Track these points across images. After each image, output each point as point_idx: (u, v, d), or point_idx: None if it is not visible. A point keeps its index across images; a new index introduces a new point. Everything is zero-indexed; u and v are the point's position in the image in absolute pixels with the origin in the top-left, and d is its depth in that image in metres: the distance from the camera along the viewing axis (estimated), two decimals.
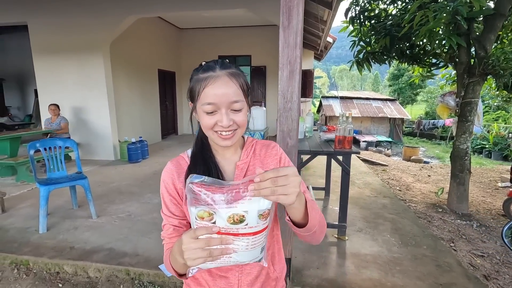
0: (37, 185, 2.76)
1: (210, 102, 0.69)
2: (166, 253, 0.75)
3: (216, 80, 0.69)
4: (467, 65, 3.54)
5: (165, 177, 0.79)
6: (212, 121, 0.71)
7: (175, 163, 0.81)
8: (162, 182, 0.80)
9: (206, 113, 0.71)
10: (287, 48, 1.67)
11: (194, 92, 0.73)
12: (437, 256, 2.39)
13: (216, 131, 0.72)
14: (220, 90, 0.69)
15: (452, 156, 3.70)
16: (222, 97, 0.69)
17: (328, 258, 2.33)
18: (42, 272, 2.25)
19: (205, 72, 0.71)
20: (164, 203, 0.78)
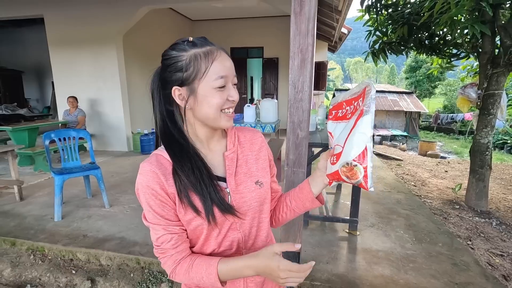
0: (52, 174, 2.83)
1: (222, 75, 0.65)
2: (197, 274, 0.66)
3: (221, 53, 0.67)
4: (491, 55, 3.35)
5: (150, 183, 0.66)
6: (223, 98, 0.66)
7: (156, 164, 0.68)
8: (145, 189, 0.66)
9: (217, 88, 0.65)
10: (299, 35, 1.60)
11: (198, 69, 0.64)
12: (453, 254, 2.30)
13: (223, 110, 0.68)
14: (228, 62, 0.67)
15: (472, 150, 3.54)
16: (230, 70, 0.67)
17: (338, 253, 2.29)
18: (57, 258, 2.32)
19: (203, 47, 0.66)
20: (155, 213, 0.66)
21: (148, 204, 0.67)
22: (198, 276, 0.66)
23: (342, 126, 0.71)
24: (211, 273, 0.65)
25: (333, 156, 0.70)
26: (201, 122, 0.71)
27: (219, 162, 0.75)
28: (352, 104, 0.70)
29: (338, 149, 0.69)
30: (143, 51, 6.59)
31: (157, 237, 0.68)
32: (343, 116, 0.73)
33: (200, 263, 0.67)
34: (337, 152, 0.68)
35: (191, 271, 0.67)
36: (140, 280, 2.08)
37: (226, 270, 0.65)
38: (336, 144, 0.70)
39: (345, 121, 0.71)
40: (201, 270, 0.66)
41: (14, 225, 2.70)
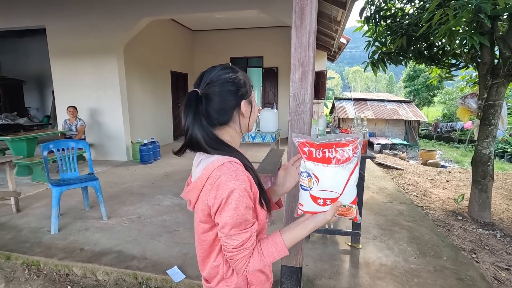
0: (50, 185, 2.79)
1: None
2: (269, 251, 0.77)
3: None
4: (491, 65, 3.36)
5: (245, 185, 0.72)
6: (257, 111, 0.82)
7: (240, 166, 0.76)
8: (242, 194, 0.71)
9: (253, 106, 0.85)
10: (300, 48, 1.60)
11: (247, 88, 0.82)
12: (458, 268, 2.25)
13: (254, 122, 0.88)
14: None
15: (473, 161, 3.51)
16: None
17: (341, 267, 2.24)
18: (52, 273, 2.26)
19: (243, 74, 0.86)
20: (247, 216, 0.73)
21: (244, 209, 0.72)
22: (271, 256, 0.77)
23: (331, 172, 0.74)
24: (281, 249, 0.78)
25: (326, 200, 0.76)
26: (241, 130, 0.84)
27: None
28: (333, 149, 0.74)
29: (333, 195, 0.76)
30: (144, 61, 6.63)
31: (242, 239, 0.73)
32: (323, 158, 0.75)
33: (267, 247, 0.77)
34: (333, 197, 0.76)
35: (263, 256, 0.76)
36: None
37: (290, 239, 0.79)
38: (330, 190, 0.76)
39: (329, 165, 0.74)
40: (272, 250, 0.77)
41: (9, 238, 2.65)
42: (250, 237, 0.74)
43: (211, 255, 0.83)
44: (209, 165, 0.74)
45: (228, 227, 0.72)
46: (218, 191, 0.71)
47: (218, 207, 0.72)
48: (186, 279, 2.05)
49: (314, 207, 0.78)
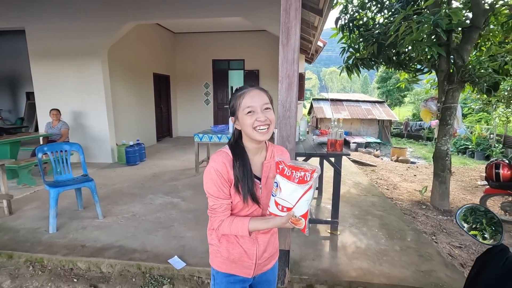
0: (46, 187, 2.90)
1: (248, 106, 1.00)
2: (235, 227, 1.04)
3: (250, 91, 1.02)
4: (447, 72, 3.85)
5: (219, 167, 1.02)
6: (252, 120, 1.00)
7: (225, 157, 1.04)
8: (215, 172, 1.01)
9: (247, 114, 1.00)
10: (286, 63, 1.89)
11: (235, 106, 1.04)
12: (420, 247, 2.65)
13: (255, 128, 1.00)
14: (255, 97, 1.01)
15: (434, 157, 4.00)
16: (257, 102, 1.00)
17: (322, 251, 2.56)
18: (57, 268, 2.40)
19: (241, 90, 1.04)
20: (219, 188, 1.02)
21: (215, 182, 1.02)
22: (236, 229, 1.04)
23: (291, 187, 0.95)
24: (244, 228, 1.03)
25: (284, 207, 0.97)
26: (247, 137, 1.06)
27: (259, 166, 1.11)
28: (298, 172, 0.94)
29: (288, 205, 0.97)
30: (127, 63, 6.67)
31: (213, 203, 1.05)
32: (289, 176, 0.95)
33: (237, 221, 1.05)
34: (288, 206, 0.97)
35: (231, 226, 1.05)
36: (142, 284, 2.22)
37: (253, 226, 1.04)
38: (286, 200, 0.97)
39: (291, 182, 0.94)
40: (238, 225, 1.04)
41: (8, 238, 2.73)
42: (221, 205, 1.04)
43: None
44: None
45: (206, 192, 1.05)
46: (207, 166, 1.07)
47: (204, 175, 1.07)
48: (186, 266, 2.28)
49: (275, 211, 0.99)
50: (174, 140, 8.78)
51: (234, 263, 1.13)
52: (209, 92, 9.43)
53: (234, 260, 1.13)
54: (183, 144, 8.08)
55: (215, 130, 5.03)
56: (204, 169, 5.28)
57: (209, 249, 1.20)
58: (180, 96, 9.55)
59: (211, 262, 1.18)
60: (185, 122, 9.62)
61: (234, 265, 1.14)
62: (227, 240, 1.13)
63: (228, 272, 1.14)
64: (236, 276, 1.15)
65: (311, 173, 0.91)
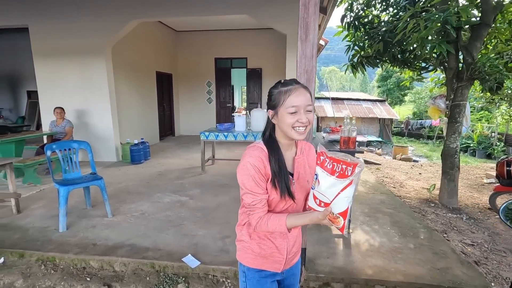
0: (56, 185, 2.87)
1: (294, 105, 0.97)
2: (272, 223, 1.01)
3: (297, 90, 0.99)
4: (456, 70, 3.83)
5: (256, 162, 1.00)
6: (294, 120, 0.98)
7: (261, 152, 1.02)
8: (252, 167, 0.99)
9: (290, 113, 0.98)
10: (304, 58, 1.87)
11: (278, 101, 1.00)
12: (433, 245, 2.63)
13: (294, 128, 0.98)
14: (300, 96, 0.98)
15: (443, 154, 3.98)
16: (302, 102, 0.98)
17: (336, 248, 2.54)
18: (69, 267, 2.37)
19: (286, 86, 1.00)
20: (256, 183, 1.00)
21: (253, 178, 1.00)
22: (273, 226, 1.01)
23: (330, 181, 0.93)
24: (282, 224, 1.01)
25: (321, 202, 0.96)
26: (282, 133, 1.04)
27: (290, 162, 1.10)
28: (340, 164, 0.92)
29: (326, 200, 0.94)
30: (130, 62, 6.63)
31: (252, 200, 1.02)
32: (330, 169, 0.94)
33: (274, 218, 1.02)
34: (325, 202, 0.95)
35: (269, 223, 1.02)
36: (156, 282, 2.20)
37: (290, 222, 1.01)
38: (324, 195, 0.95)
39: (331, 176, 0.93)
40: (275, 222, 1.02)
41: (17, 237, 2.71)
42: (260, 200, 1.01)
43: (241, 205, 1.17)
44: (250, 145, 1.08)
45: (243, 188, 1.03)
46: (241, 161, 1.04)
47: (237, 171, 1.04)
48: (201, 264, 2.26)
49: (313, 205, 0.99)
50: (177, 139, 8.75)
51: (265, 258, 1.12)
52: (212, 91, 9.40)
53: (266, 256, 1.12)
54: (186, 142, 8.05)
55: (221, 128, 5.01)
56: (210, 167, 5.30)
57: (238, 246, 1.18)
58: (183, 95, 9.51)
59: (241, 258, 1.17)
60: (187, 121, 9.59)
61: (265, 261, 1.13)
62: (259, 236, 1.12)
63: (259, 267, 1.14)
64: (267, 271, 1.14)
65: (353, 167, 0.87)
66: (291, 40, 5.36)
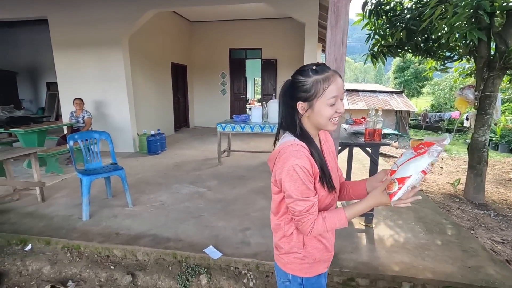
0: (79, 175, 2.91)
1: (335, 95, 0.88)
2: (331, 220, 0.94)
3: (335, 77, 0.88)
4: (487, 59, 3.62)
5: (305, 163, 0.90)
6: (333, 111, 0.90)
7: (303, 150, 0.92)
8: (300, 170, 0.89)
9: (330, 105, 0.88)
10: (334, 46, 1.78)
11: (316, 91, 0.89)
12: (462, 242, 2.53)
13: (331, 119, 0.91)
14: (340, 84, 0.89)
15: (470, 148, 3.81)
16: (341, 89, 0.89)
17: (359, 243, 2.48)
18: (94, 255, 2.42)
19: (323, 73, 0.88)
20: (307, 187, 0.91)
21: (303, 181, 0.90)
22: (332, 223, 0.94)
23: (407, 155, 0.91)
24: (342, 218, 0.94)
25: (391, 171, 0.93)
26: (313, 125, 0.98)
27: None
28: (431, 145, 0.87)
29: (394, 168, 0.92)
30: (146, 53, 6.64)
31: (305, 206, 0.91)
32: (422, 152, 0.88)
33: (330, 215, 0.95)
34: (393, 169, 0.92)
35: (326, 222, 0.94)
36: (179, 273, 2.21)
37: (350, 212, 0.94)
38: (395, 164, 0.92)
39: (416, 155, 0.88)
40: (334, 219, 0.94)
41: (43, 225, 2.77)
42: (313, 204, 0.92)
43: (277, 213, 1.05)
44: (283, 143, 0.96)
45: (292, 196, 0.91)
46: (283, 164, 0.91)
47: (281, 177, 0.92)
48: (223, 256, 2.25)
49: None
50: (192, 131, 8.78)
51: (319, 262, 1.07)
52: (226, 82, 9.34)
53: (319, 259, 1.06)
54: (201, 134, 8.07)
55: (238, 119, 4.96)
56: (226, 159, 5.29)
57: (288, 259, 1.06)
58: (197, 86, 9.49)
59: (296, 272, 1.06)
60: (201, 112, 9.59)
61: (319, 264, 1.07)
62: (312, 242, 1.04)
63: (316, 274, 1.07)
64: (322, 275, 1.10)
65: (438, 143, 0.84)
66: (309, 29, 5.21)
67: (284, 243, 1.05)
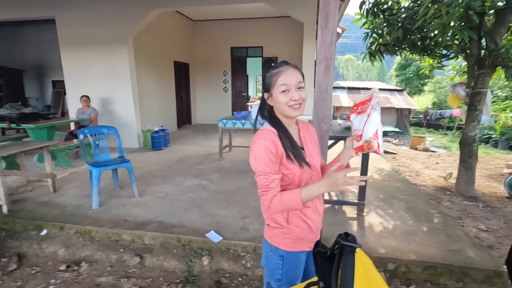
0: (89, 167, 3.11)
1: (284, 83, 1.06)
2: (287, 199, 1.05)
3: (286, 70, 1.07)
4: (478, 57, 3.76)
5: (269, 144, 1.06)
6: (287, 98, 1.06)
7: (270, 133, 1.09)
8: (264, 150, 1.05)
9: (282, 92, 1.07)
10: (324, 46, 1.95)
11: (270, 83, 1.09)
12: (447, 229, 2.70)
13: (289, 106, 1.07)
14: (290, 75, 1.06)
15: (461, 143, 3.96)
16: (292, 80, 1.06)
17: (350, 230, 2.66)
18: (104, 240, 2.62)
19: (276, 68, 1.08)
20: (268, 165, 1.06)
21: (264, 159, 1.06)
22: (287, 201, 1.04)
23: (359, 118, 1.11)
24: (296, 197, 1.04)
25: (358, 137, 1.10)
26: (280, 113, 1.14)
27: (296, 137, 1.18)
28: (365, 104, 1.09)
29: (359, 133, 1.10)
30: (149, 51, 6.82)
31: (266, 180, 1.07)
32: (360, 111, 1.12)
33: (287, 193, 1.06)
34: (359, 134, 1.10)
35: (282, 199, 1.05)
36: (183, 255, 2.40)
37: (305, 193, 1.05)
38: (356, 129, 1.12)
39: (358, 115, 1.12)
40: (289, 197, 1.05)
41: (57, 213, 2.98)
42: (273, 180, 1.05)
43: None
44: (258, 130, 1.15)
45: (255, 171, 1.08)
46: (252, 146, 1.10)
47: (250, 156, 1.10)
48: (223, 240, 2.44)
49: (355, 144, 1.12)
50: (194, 127, 8.98)
51: (302, 240, 1.16)
52: (228, 80, 9.51)
53: (303, 237, 1.16)
54: (203, 131, 8.26)
55: (238, 116, 5.14)
56: (227, 154, 5.48)
57: (273, 232, 1.18)
58: (199, 84, 9.68)
59: (278, 244, 1.17)
60: (203, 109, 9.78)
61: (301, 242, 1.16)
62: (296, 220, 1.15)
63: (297, 250, 1.17)
64: (303, 252, 1.19)
65: (369, 100, 1.05)
66: (308, 28, 5.36)
67: (271, 219, 1.19)
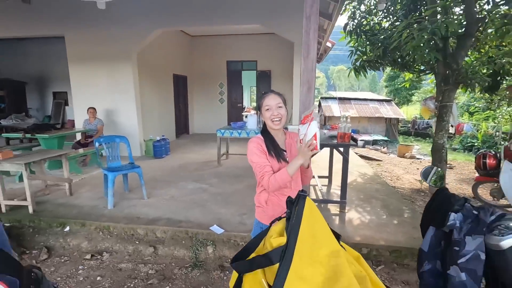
0: (104, 172, 3.53)
1: (267, 105, 1.53)
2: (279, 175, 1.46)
3: (269, 96, 1.56)
4: (444, 75, 4.33)
5: (256, 144, 1.54)
6: (269, 114, 1.53)
7: (258, 139, 1.57)
8: (253, 148, 1.53)
9: (266, 110, 1.53)
10: (306, 71, 2.45)
11: (260, 104, 1.57)
12: (414, 222, 3.17)
13: (272, 120, 1.53)
14: (271, 99, 1.54)
15: (432, 150, 4.49)
16: (272, 102, 1.53)
17: (332, 223, 3.11)
18: (121, 234, 3.02)
19: (264, 95, 1.59)
20: (259, 156, 1.52)
21: (256, 154, 1.53)
22: (280, 178, 1.46)
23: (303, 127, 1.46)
24: (284, 172, 1.46)
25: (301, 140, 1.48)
26: (269, 127, 1.59)
27: (282, 143, 1.62)
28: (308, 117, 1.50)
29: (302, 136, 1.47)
30: (151, 65, 7.31)
31: (260, 167, 1.51)
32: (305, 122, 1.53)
33: (278, 173, 1.48)
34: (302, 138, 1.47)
35: (276, 177, 1.46)
36: (191, 245, 2.82)
37: (289, 168, 1.45)
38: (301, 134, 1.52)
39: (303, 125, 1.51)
40: (281, 174, 1.46)
41: (76, 212, 3.37)
42: (266, 164, 1.49)
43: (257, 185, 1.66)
44: None
45: (252, 161, 1.52)
46: (247, 148, 1.57)
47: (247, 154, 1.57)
48: (225, 232, 2.87)
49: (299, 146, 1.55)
50: (191, 137, 9.41)
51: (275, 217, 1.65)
52: (224, 92, 10.03)
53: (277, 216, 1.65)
54: (200, 140, 8.70)
55: (235, 126, 5.61)
56: (225, 161, 5.93)
57: (257, 210, 1.65)
58: (197, 95, 10.17)
59: (259, 218, 1.64)
60: (201, 119, 10.25)
61: None
62: (272, 203, 1.58)
63: (266, 223, 1.57)
64: None
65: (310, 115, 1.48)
66: (298, 47, 5.91)
67: (256, 201, 1.66)
